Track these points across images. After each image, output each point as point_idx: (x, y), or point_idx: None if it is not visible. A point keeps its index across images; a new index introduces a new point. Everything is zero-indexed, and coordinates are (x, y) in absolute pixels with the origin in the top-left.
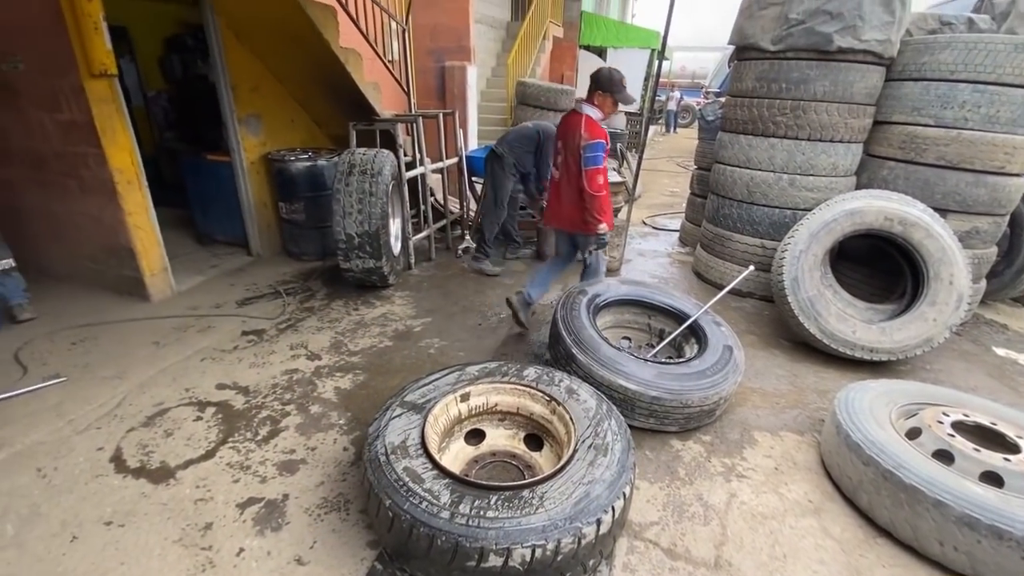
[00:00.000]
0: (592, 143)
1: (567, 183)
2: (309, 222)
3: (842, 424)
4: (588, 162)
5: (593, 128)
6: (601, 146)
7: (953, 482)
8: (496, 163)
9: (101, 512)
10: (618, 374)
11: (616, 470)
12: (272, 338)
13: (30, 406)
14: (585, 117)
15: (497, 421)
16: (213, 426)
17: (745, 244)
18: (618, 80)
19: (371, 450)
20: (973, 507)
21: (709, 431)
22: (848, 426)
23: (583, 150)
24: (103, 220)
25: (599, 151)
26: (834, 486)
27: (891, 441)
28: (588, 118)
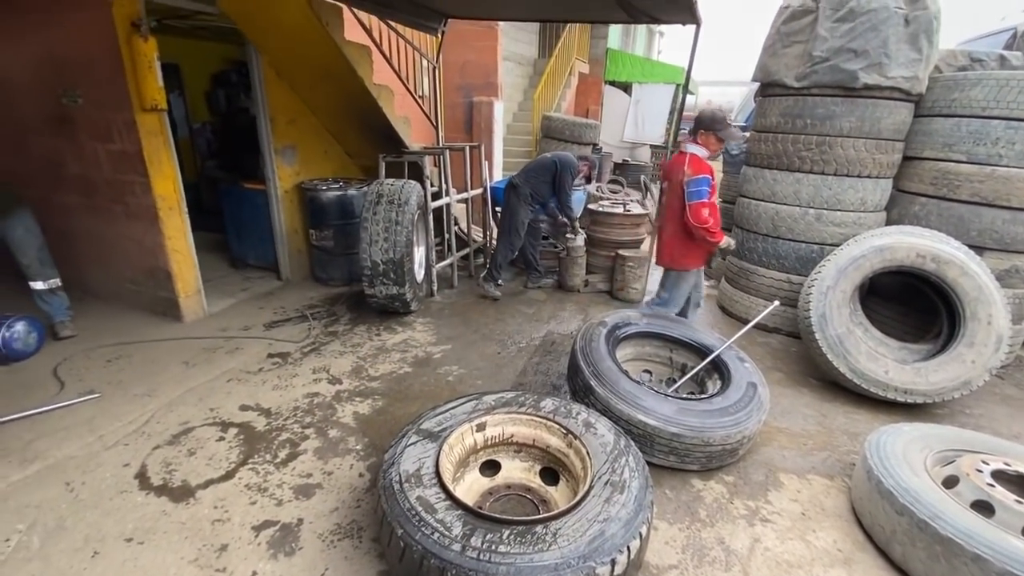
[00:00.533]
0: (695, 178)
1: (669, 219)
2: (337, 249)
3: (874, 469)
4: (691, 196)
5: (697, 164)
6: (705, 181)
7: (993, 535)
8: (512, 192)
9: (123, 528)
10: (637, 408)
11: (633, 508)
12: (296, 361)
13: (65, 420)
14: (690, 155)
15: (513, 453)
16: (234, 447)
17: (771, 278)
18: (720, 119)
19: (385, 477)
20: (1015, 563)
21: (732, 471)
22: (880, 472)
23: (686, 185)
24: (144, 244)
25: (702, 185)
26: (865, 535)
27: (927, 489)
28: (693, 156)
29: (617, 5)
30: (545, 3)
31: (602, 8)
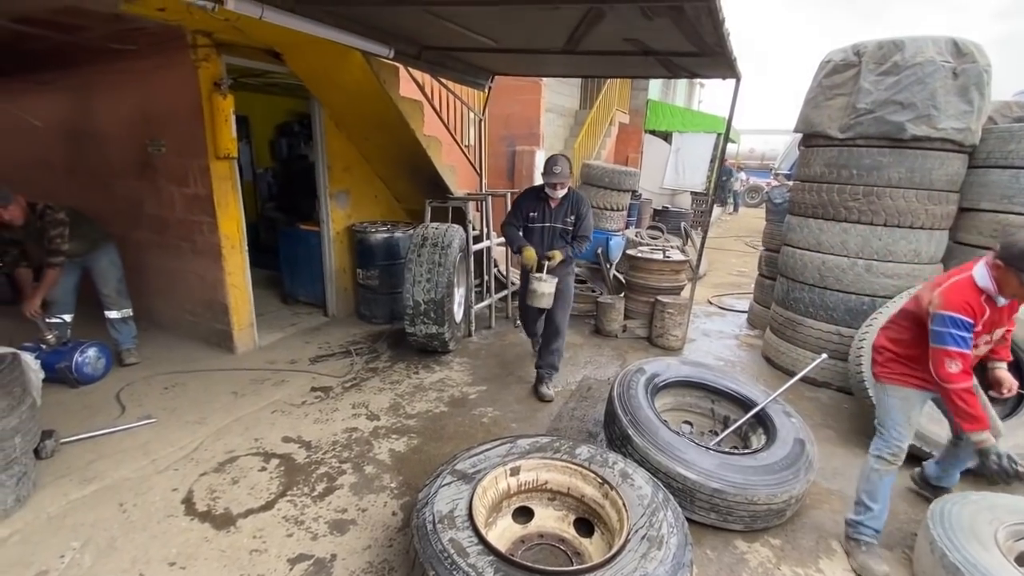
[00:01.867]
0: (941, 315)
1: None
2: (382, 288)
3: (937, 541)
4: (933, 338)
5: (953, 296)
6: (957, 323)
7: None
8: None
9: (167, 552)
10: (677, 461)
11: (670, 567)
12: (337, 396)
13: (123, 443)
14: (956, 282)
15: (547, 500)
16: (275, 478)
17: (819, 330)
18: None
19: (419, 517)
20: None
21: (779, 534)
22: (944, 544)
23: (931, 319)
24: (206, 279)
25: (950, 329)
26: None
27: (997, 566)
28: (962, 281)
29: (657, 63)
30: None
31: (643, 65)
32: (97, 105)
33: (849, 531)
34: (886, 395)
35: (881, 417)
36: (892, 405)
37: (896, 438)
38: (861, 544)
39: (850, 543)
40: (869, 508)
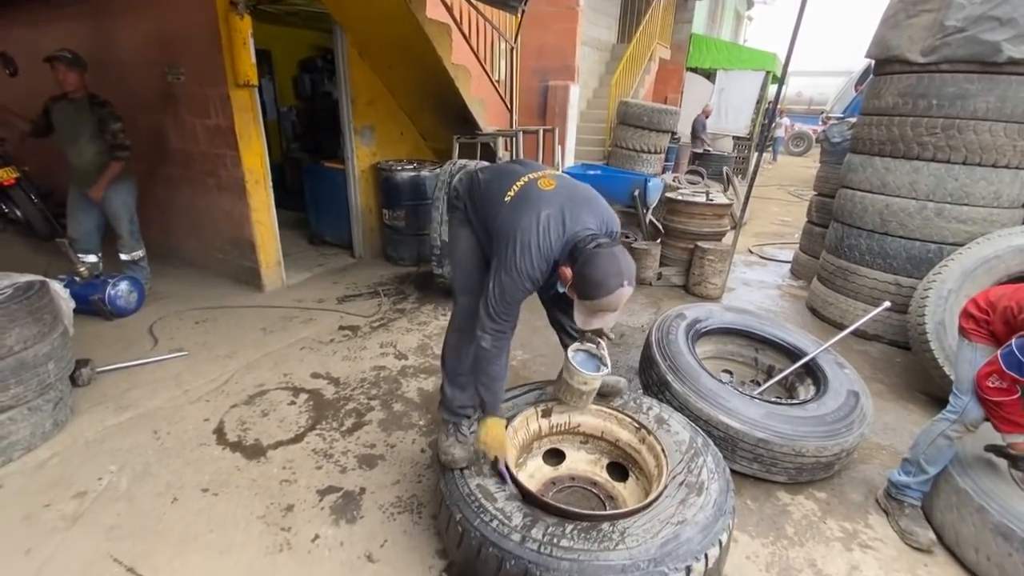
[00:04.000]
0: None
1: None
2: (408, 229)
3: (973, 495)
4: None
5: None
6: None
7: None
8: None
9: (200, 479)
10: (719, 409)
11: (712, 513)
12: (365, 335)
13: (156, 374)
14: None
15: (579, 443)
16: (304, 412)
17: (874, 280)
18: None
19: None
20: None
21: (825, 487)
22: (991, 507)
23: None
24: (232, 215)
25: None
26: None
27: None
28: None
29: None
30: None
31: None
32: (113, 31)
33: (892, 491)
34: (976, 355)
35: (963, 380)
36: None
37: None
38: (904, 506)
39: (892, 503)
40: (924, 472)
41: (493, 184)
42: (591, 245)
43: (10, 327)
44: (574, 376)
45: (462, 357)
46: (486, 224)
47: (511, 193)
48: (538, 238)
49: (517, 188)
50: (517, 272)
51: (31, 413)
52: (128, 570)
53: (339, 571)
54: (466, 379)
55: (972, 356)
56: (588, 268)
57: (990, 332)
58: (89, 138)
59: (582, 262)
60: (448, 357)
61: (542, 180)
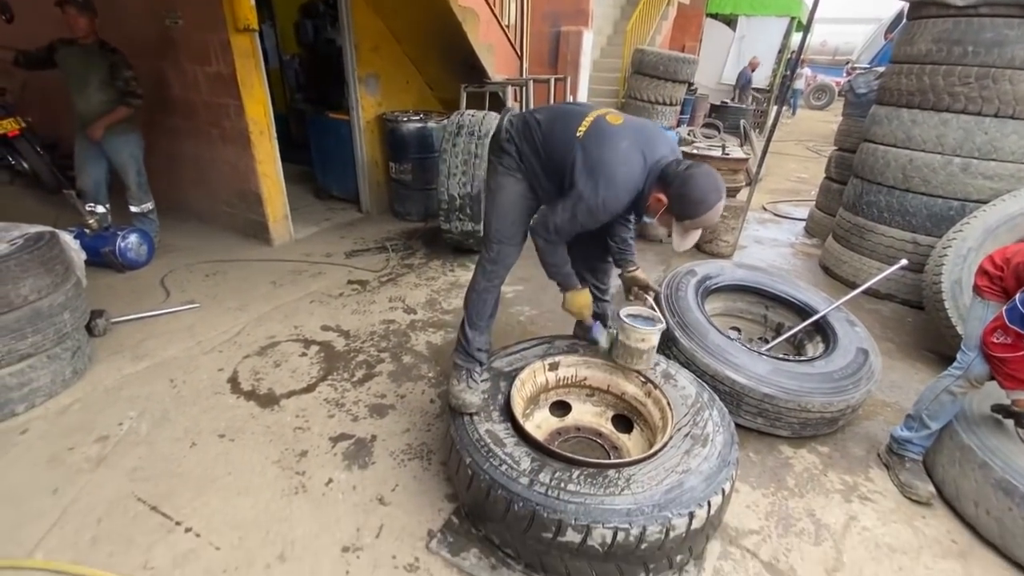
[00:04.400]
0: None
1: None
2: (415, 183)
3: (977, 451)
4: (1007, 312)
5: None
6: None
7: None
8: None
9: (216, 426)
10: (726, 364)
11: (716, 463)
12: (374, 289)
13: (170, 325)
14: None
15: (585, 396)
16: (315, 363)
17: (891, 238)
18: None
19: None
20: None
21: (827, 442)
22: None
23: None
24: (238, 167)
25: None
26: None
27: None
28: None
29: None
30: None
31: None
32: None
33: (894, 446)
34: (987, 312)
35: (971, 336)
36: None
37: None
38: (905, 461)
39: (893, 458)
40: (927, 427)
41: (558, 123)
42: (682, 168)
43: (23, 277)
44: (631, 335)
45: (487, 303)
46: (554, 162)
47: (583, 128)
48: (624, 168)
49: (588, 124)
50: (600, 202)
51: (50, 361)
52: (152, 509)
53: (352, 513)
54: (487, 324)
55: (983, 313)
56: (687, 188)
57: (1003, 289)
58: (98, 86)
59: (679, 184)
60: (472, 301)
61: (609, 116)
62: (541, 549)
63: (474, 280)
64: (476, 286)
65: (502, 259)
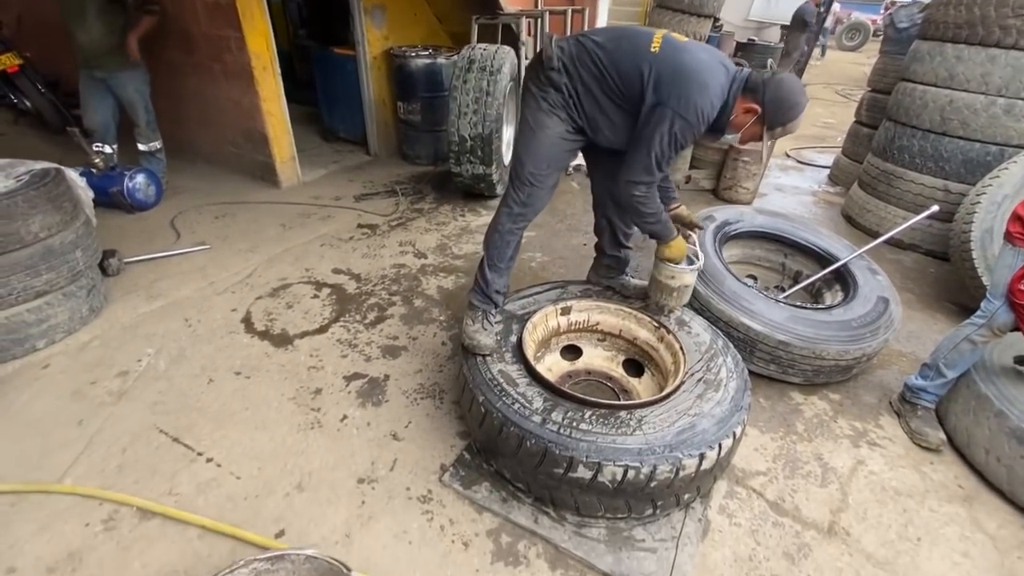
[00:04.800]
0: None
1: None
2: (424, 124)
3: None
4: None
5: None
6: None
7: None
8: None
9: (232, 363)
10: (742, 311)
11: (728, 408)
12: (384, 233)
13: (182, 266)
14: None
15: (596, 340)
16: (327, 305)
17: (921, 185)
18: None
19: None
20: None
21: (839, 389)
22: (1011, 412)
23: None
24: (242, 105)
25: None
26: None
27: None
28: None
29: None
30: None
31: None
32: None
33: (907, 394)
34: (1017, 260)
35: (998, 285)
36: None
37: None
38: (918, 409)
39: (905, 406)
40: (942, 376)
41: (624, 42)
42: (768, 76)
43: (32, 213)
44: (674, 276)
45: (510, 245)
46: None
47: (656, 45)
48: (712, 77)
49: (659, 40)
50: (695, 113)
51: (66, 299)
52: (174, 440)
53: (367, 447)
54: (507, 266)
55: (1012, 261)
56: (783, 91)
57: None
58: (97, 13)
59: (773, 88)
60: (494, 242)
61: (674, 34)
62: (552, 484)
63: (497, 222)
64: (500, 227)
65: (533, 203)
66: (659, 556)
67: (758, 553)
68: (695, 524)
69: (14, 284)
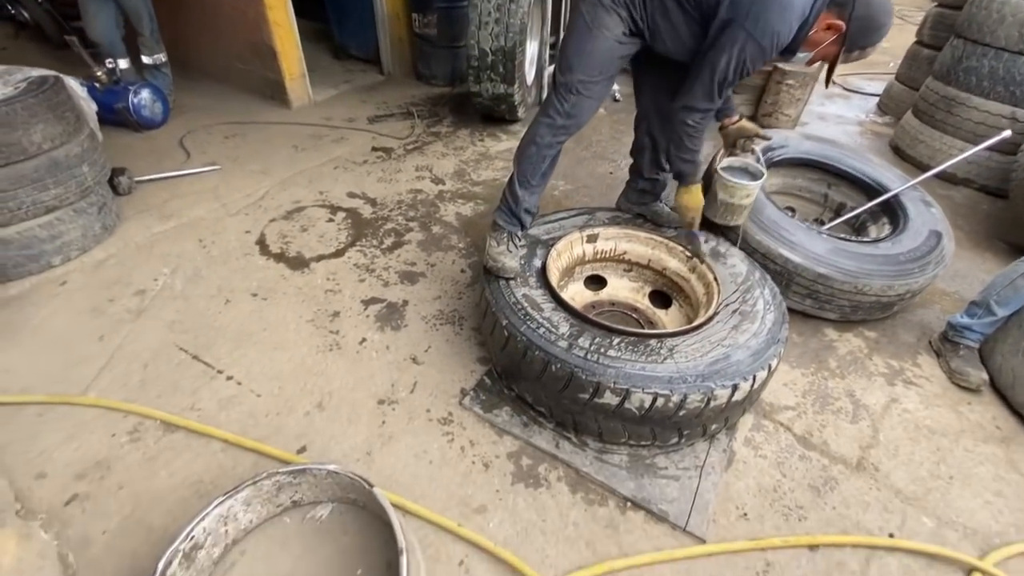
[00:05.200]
0: None
1: None
2: (441, 39)
3: None
4: None
5: None
6: None
7: None
8: None
9: (248, 285)
10: (781, 242)
11: (764, 340)
12: (399, 157)
13: (193, 187)
14: None
15: (623, 271)
16: (343, 229)
17: (985, 112)
18: None
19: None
20: None
21: (876, 327)
22: None
23: None
24: (247, 15)
25: None
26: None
27: None
28: None
29: None
30: None
31: None
32: None
33: (950, 333)
34: None
35: None
36: None
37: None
38: (960, 348)
39: (946, 345)
40: (992, 314)
41: None
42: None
43: (32, 123)
44: (736, 192)
45: (546, 160)
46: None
47: None
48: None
49: None
50: (771, 38)
51: (77, 215)
52: (193, 358)
53: (386, 370)
54: (540, 184)
55: None
56: (871, 11)
57: None
58: None
59: (861, 6)
60: (529, 156)
61: None
62: (576, 409)
63: (535, 134)
64: (538, 140)
65: (578, 114)
66: (682, 483)
67: (783, 484)
68: (719, 454)
69: (22, 198)
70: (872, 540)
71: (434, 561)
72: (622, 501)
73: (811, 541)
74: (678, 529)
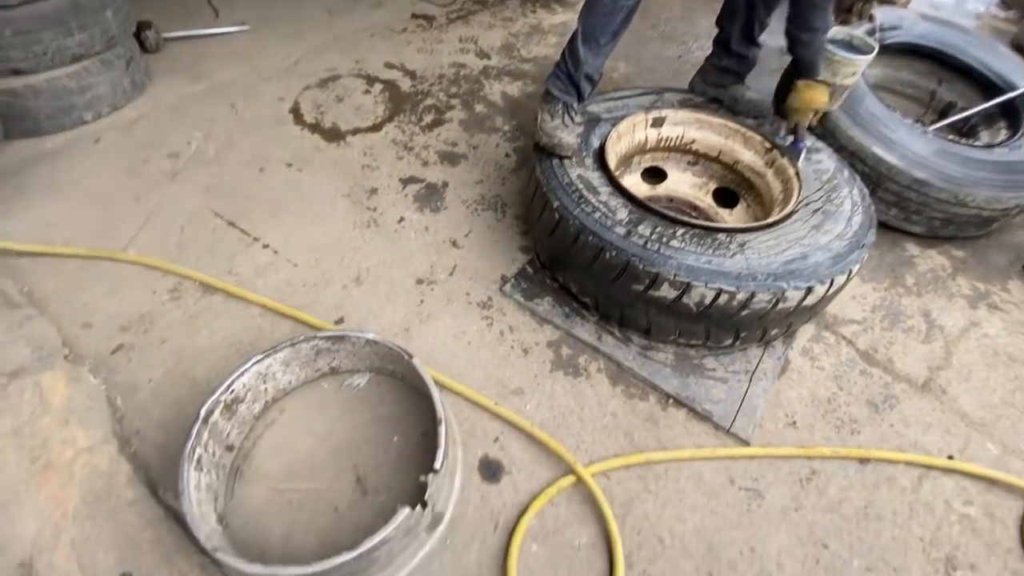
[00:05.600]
0: None
1: None
2: None
3: None
4: None
5: None
6: None
7: None
8: None
9: (283, 154)
10: (876, 139)
11: (848, 243)
12: (441, 26)
13: (223, 48)
14: None
15: (687, 164)
16: (380, 103)
17: None
18: None
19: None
20: None
21: (965, 246)
22: None
23: None
24: None
25: None
26: None
27: None
28: None
29: None
30: None
31: None
32: None
33: None
34: None
35: None
36: None
37: None
38: None
39: None
40: None
41: None
42: None
43: None
44: (841, 69)
45: (620, 13)
46: None
47: None
48: None
49: None
50: None
51: (105, 67)
52: (229, 224)
53: (425, 250)
54: (609, 43)
55: None
56: None
57: None
58: None
59: None
60: (599, 9)
61: None
62: (626, 301)
63: None
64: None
65: None
66: (730, 386)
67: (838, 397)
68: (773, 361)
69: (47, 42)
70: (929, 459)
71: (470, 435)
72: (664, 398)
73: (862, 454)
74: (721, 430)
